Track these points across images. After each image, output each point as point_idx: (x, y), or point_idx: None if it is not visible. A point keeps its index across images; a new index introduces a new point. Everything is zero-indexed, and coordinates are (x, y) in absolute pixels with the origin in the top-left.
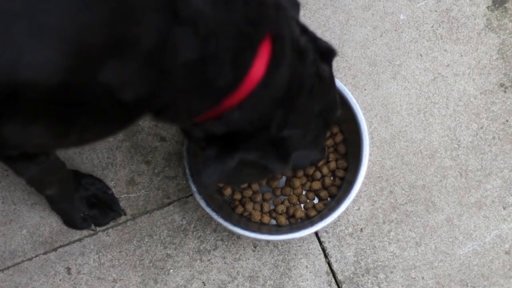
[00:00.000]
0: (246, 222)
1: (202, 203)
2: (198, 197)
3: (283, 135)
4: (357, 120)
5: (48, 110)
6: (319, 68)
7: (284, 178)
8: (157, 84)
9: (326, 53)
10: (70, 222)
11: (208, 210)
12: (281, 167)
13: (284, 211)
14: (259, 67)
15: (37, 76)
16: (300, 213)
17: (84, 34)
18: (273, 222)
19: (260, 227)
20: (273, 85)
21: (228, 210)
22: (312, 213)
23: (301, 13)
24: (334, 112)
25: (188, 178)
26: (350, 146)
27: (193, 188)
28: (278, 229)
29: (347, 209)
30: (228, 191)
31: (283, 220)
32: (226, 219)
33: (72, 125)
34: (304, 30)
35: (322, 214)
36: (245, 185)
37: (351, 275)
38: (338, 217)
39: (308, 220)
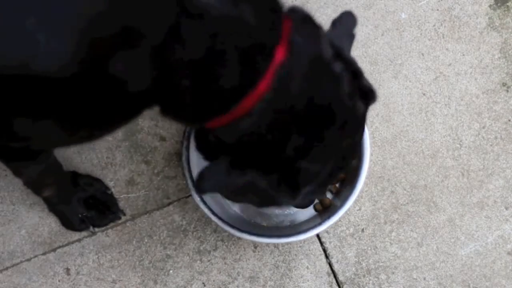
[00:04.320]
0: (247, 225)
1: (202, 206)
2: (198, 200)
3: (299, 166)
4: None
5: (59, 102)
6: (356, 103)
7: None
8: (163, 78)
9: (367, 93)
10: (68, 223)
11: (208, 213)
12: (287, 201)
13: None
14: (271, 74)
15: (49, 69)
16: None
17: (94, 26)
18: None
19: (262, 229)
20: (286, 96)
21: (226, 207)
22: None
23: None
24: (352, 157)
25: (187, 179)
26: None
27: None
28: (280, 231)
29: (348, 209)
30: None
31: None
32: (227, 222)
33: (83, 117)
34: (347, 61)
35: (323, 215)
36: None
37: (352, 276)
38: (340, 218)
39: (310, 222)
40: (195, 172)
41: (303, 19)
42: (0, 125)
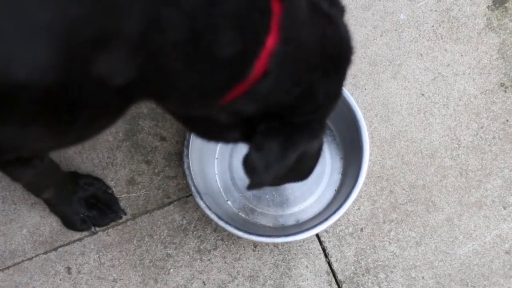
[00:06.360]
0: (247, 225)
1: (202, 205)
2: (199, 201)
3: (330, 106)
4: (357, 119)
5: (45, 109)
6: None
7: None
8: (146, 67)
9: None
10: (69, 224)
11: (209, 212)
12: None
13: None
14: (276, 27)
15: (31, 77)
16: None
17: (72, 30)
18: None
19: (261, 229)
20: (297, 45)
21: (230, 212)
22: None
23: None
24: None
25: (188, 178)
26: (350, 146)
27: (193, 189)
28: (279, 231)
29: (347, 209)
30: None
31: None
32: (227, 221)
33: (71, 122)
34: None
35: (323, 215)
36: None
37: (351, 275)
38: (339, 218)
39: (310, 222)
40: (197, 178)
41: None
42: None
